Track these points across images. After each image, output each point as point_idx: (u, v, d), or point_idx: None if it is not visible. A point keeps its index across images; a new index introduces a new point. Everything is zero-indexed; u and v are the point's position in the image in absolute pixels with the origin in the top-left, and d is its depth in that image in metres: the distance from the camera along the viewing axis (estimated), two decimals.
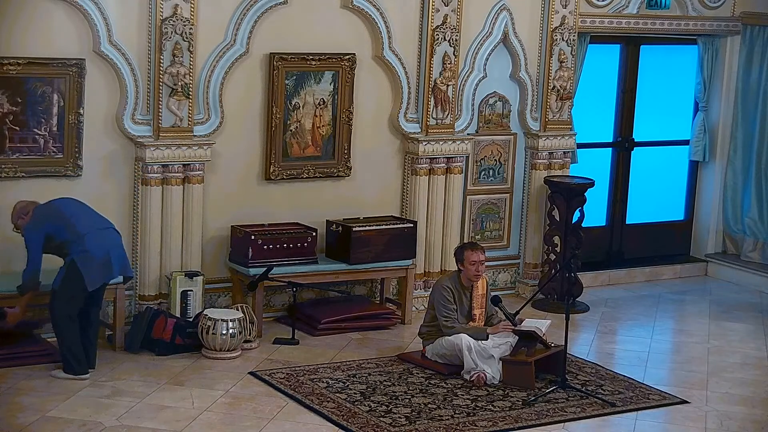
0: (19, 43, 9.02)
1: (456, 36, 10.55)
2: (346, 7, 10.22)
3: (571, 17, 11.21)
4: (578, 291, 11.13)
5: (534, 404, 8.51)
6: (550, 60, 11.18)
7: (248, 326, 9.36)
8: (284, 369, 9.02)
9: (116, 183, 9.53)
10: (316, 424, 8.01)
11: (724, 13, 12.30)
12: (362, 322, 10.11)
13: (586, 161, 11.92)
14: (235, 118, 9.90)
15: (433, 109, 10.60)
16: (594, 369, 9.43)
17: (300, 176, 10.23)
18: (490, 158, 11.18)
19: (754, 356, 10.08)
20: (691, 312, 11.38)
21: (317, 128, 10.26)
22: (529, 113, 11.24)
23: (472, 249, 9.17)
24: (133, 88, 9.39)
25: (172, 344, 9.19)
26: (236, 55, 9.75)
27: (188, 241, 9.70)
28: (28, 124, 9.13)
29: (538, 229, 11.43)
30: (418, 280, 10.67)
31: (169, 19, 9.36)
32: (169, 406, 8.14)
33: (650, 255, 12.66)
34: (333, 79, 10.23)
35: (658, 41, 12.28)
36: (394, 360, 9.36)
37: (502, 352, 8.99)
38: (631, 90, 12.30)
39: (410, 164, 10.66)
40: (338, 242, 10.14)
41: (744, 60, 12.41)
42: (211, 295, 9.96)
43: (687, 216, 13.02)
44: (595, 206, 11.90)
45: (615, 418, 8.46)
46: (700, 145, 12.64)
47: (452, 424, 8.07)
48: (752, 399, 9.00)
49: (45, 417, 7.85)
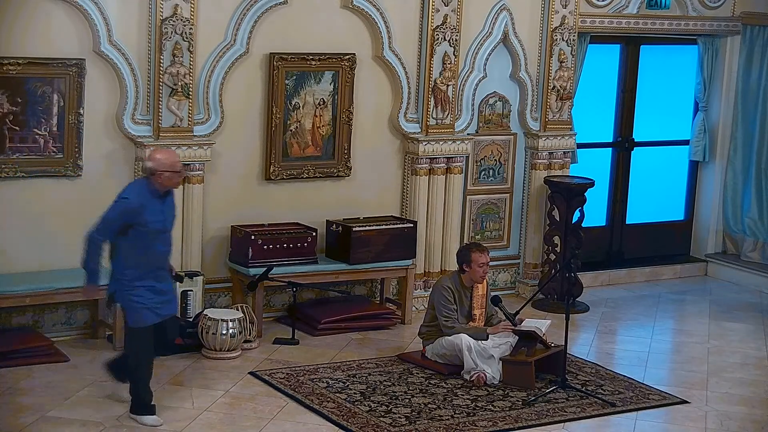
0: (19, 43, 9.02)
1: (456, 36, 10.55)
2: (346, 7, 10.22)
3: (571, 17, 11.21)
4: (578, 291, 11.13)
5: (534, 404, 8.51)
6: (550, 60, 11.18)
7: (248, 326, 9.36)
8: (284, 369, 9.02)
9: (116, 183, 9.49)
10: (316, 424, 8.01)
11: (724, 13, 12.30)
12: (362, 322, 10.11)
13: (586, 161, 11.92)
14: (235, 118, 9.90)
15: (433, 109, 10.60)
16: (594, 369, 9.43)
17: (300, 176, 10.23)
18: (490, 158, 11.18)
19: (754, 356, 10.08)
20: (691, 312, 11.38)
21: (317, 128, 10.26)
22: (529, 113, 11.24)
23: (480, 251, 9.17)
24: (133, 88, 9.39)
25: (172, 344, 9.18)
26: (236, 55, 9.75)
27: (188, 241, 9.70)
28: (28, 124, 9.13)
29: (538, 229, 11.43)
30: (418, 280, 10.67)
31: (169, 19, 9.36)
32: (169, 406, 8.14)
33: (650, 255, 12.66)
34: (333, 79, 10.23)
35: (658, 41, 12.28)
36: (394, 360, 9.36)
37: (502, 352, 8.99)
38: (631, 90, 12.30)
39: (410, 164, 10.66)
40: (338, 242, 10.14)
41: (744, 60, 12.41)
42: (211, 295, 9.96)
43: (687, 216, 13.02)
44: (595, 206, 11.90)
45: (615, 418, 8.46)
46: (700, 145, 12.64)
47: (452, 424, 8.08)
48: (752, 399, 9.00)
49: (45, 417, 7.85)
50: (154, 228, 7.64)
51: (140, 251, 7.63)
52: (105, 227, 7.61)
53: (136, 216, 7.57)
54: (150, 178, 7.68)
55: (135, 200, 7.60)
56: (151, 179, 7.67)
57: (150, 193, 7.65)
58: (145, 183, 7.73)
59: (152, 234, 7.64)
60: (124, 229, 7.59)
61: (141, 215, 7.57)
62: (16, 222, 9.17)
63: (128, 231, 7.60)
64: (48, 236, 9.28)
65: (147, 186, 7.69)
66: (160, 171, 7.64)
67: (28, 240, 9.22)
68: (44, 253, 9.27)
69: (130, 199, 7.62)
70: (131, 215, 7.57)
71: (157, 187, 7.67)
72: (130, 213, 7.57)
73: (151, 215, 7.62)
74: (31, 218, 9.22)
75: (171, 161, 7.71)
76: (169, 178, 7.69)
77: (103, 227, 7.61)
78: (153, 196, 7.66)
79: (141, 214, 7.57)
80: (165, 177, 7.65)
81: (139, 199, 7.61)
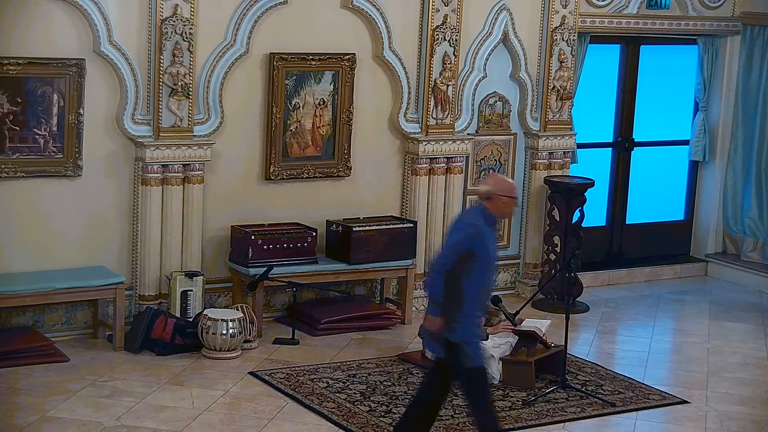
0: (19, 43, 9.02)
1: (456, 36, 10.55)
2: (346, 7, 10.22)
3: (571, 17, 11.21)
4: (578, 291, 11.13)
5: (534, 404, 8.51)
6: (550, 60, 11.18)
7: (248, 326, 9.36)
8: (284, 369, 9.02)
9: (116, 183, 9.53)
10: (316, 424, 8.01)
11: (724, 13, 12.30)
12: (362, 322, 10.11)
13: (586, 161, 11.92)
14: (235, 118, 9.90)
15: (433, 109, 10.60)
16: (594, 369, 9.43)
17: (300, 176, 10.23)
18: (490, 158, 11.18)
19: (754, 356, 10.08)
20: (691, 312, 11.38)
21: (317, 128, 10.26)
22: (529, 113, 11.24)
23: None
24: (133, 88, 9.39)
25: (172, 344, 9.20)
26: (236, 55, 9.75)
27: (188, 241, 9.70)
28: (28, 124, 9.13)
29: (538, 229, 11.43)
30: (418, 280, 10.66)
31: (169, 19, 9.36)
32: (169, 406, 8.14)
33: (650, 255, 12.66)
34: (333, 79, 10.23)
35: (658, 41, 12.28)
36: (394, 360, 9.36)
37: (502, 352, 8.99)
38: (631, 90, 12.30)
39: (410, 164, 10.66)
40: (338, 242, 10.14)
41: (744, 60, 12.41)
42: (211, 295, 9.96)
43: (687, 216, 13.02)
44: (595, 206, 11.90)
45: (615, 418, 8.46)
46: (700, 145, 12.64)
47: (452, 424, 8.08)
48: (752, 399, 9.00)
49: (45, 417, 7.85)
50: (494, 259, 7.05)
51: (477, 285, 6.96)
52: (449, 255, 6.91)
53: (481, 244, 6.90)
54: (485, 204, 7.02)
55: (482, 227, 6.94)
56: (486, 204, 7.02)
57: (485, 220, 7.00)
58: (480, 209, 7.05)
59: (490, 266, 7.04)
60: (465, 260, 6.88)
61: (484, 244, 6.93)
62: (16, 222, 9.17)
63: (467, 263, 6.88)
64: (48, 236, 9.29)
65: (482, 212, 7.02)
66: (498, 195, 7.00)
67: (28, 240, 9.22)
68: (44, 253, 9.27)
69: (479, 225, 6.93)
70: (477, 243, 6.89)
71: (492, 212, 7.02)
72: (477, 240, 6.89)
73: (491, 244, 7.02)
74: (31, 218, 9.22)
75: (509, 186, 7.12)
76: (506, 205, 7.05)
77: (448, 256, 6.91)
78: (488, 223, 7.01)
79: (484, 243, 6.93)
80: (502, 202, 7.02)
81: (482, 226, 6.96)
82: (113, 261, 9.54)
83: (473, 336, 7.01)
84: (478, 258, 6.87)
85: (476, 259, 6.87)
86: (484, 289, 7.03)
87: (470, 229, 6.90)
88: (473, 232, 6.88)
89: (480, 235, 6.88)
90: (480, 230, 6.90)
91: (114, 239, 9.57)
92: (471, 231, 6.89)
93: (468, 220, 7.06)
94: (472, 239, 6.87)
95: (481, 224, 6.92)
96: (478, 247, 6.87)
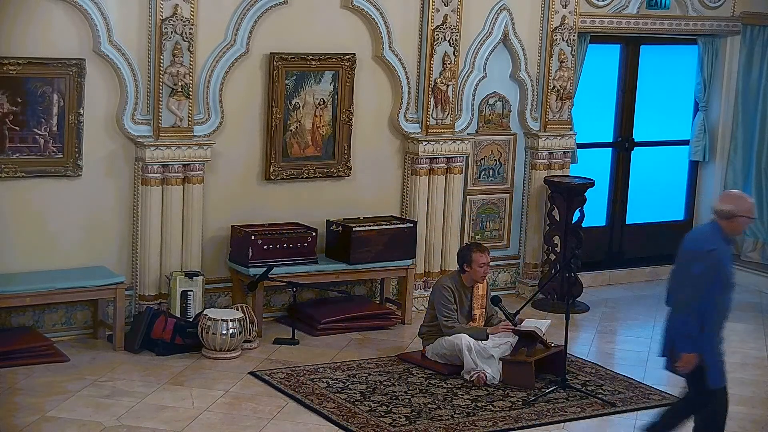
0: (19, 43, 9.02)
1: (456, 36, 10.55)
2: (346, 7, 10.22)
3: (571, 17, 11.21)
4: (578, 291, 11.13)
5: (534, 404, 8.51)
6: (550, 60, 11.18)
7: (248, 326, 9.36)
8: (284, 369, 9.02)
9: (116, 183, 9.53)
10: (316, 424, 8.01)
11: (724, 13, 12.30)
12: (362, 322, 10.11)
13: (586, 161, 11.92)
14: (235, 118, 9.90)
15: (433, 109, 10.60)
16: (594, 369, 9.43)
17: (300, 176, 10.23)
18: (490, 158, 11.18)
19: (754, 356, 10.07)
20: None
21: (317, 128, 10.26)
22: (529, 113, 11.24)
23: (480, 251, 9.17)
24: (133, 88, 9.39)
25: (172, 344, 9.20)
26: (236, 55, 9.75)
27: (188, 241, 9.70)
28: (28, 124, 9.13)
29: (538, 229, 11.43)
30: (418, 280, 10.67)
31: (169, 19, 9.36)
32: (169, 406, 8.14)
33: (650, 255, 12.65)
34: (333, 79, 10.23)
35: (658, 41, 12.28)
36: (394, 360, 9.36)
37: (502, 352, 8.99)
38: (631, 90, 12.30)
39: (410, 164, 10.66)
40: (338, 242, 10.14)
41: (744, 60, 12.41)
42: (211, 295, 9.96)
43: (687, 216, 13.02)
44: (595, 206, 11.89)
45: (615, 418, 8.46)
46: (700, 145, 12.64)
47: (452, 424, 8.07)
48: (752, 399, 8.99)
49: (45, 417, 7.85)
50: (732, 277, 6.96)
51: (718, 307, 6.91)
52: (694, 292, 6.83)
53: (723, 270, 6.86)
54: (721, 223, 6.91)
55: (720, 250, 6.85)
56: (723, 224, 6.90)
57: (722, 240, 6.92)
58: (718, 229, 6.94)
59: (729, 287, 6.94)
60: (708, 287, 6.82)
61: (725, 268, 6.88)
62: (16, 222, 9.17)
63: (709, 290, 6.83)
64: (48, 236, 9.29)
65: (717, 232, 6.92)
66: (740, 215, 6.89)
67: (28, 240, 9.22)
68: (44, 253, 9.27)
69: (718, 249, 6.85)
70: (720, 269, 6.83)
71: (728, 232, 6.92)
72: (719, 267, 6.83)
73: (729, 264, 6.92)
74: (31, 218, 9.22)
75: (751, 206, 7.00)
76: (744, 224, 6.98)
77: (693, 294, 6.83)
78: (725, 242, 6.93)
79: (725, 267, 6.88)
80: (742, 222, 6.92)
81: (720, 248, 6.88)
82: (113, 261, 9.55)
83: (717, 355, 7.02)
84: (719, 282, 6.85)
85: (718, 284, 6.84)
86: (723, 309, 6.96)
87: (710, 259, 6.83)
88: (714, 262, 6.83)
89: (721, 262, 6.84)
90: (719, 256, 6.84)
91: (114, 239, 9.57)
92: (711, 261, 6.83)
93: (706, 246, 6.90)
94: (715, 269, 6.83)
95: (720, 246, 6.86)
96: (720, 272, 6.84)
